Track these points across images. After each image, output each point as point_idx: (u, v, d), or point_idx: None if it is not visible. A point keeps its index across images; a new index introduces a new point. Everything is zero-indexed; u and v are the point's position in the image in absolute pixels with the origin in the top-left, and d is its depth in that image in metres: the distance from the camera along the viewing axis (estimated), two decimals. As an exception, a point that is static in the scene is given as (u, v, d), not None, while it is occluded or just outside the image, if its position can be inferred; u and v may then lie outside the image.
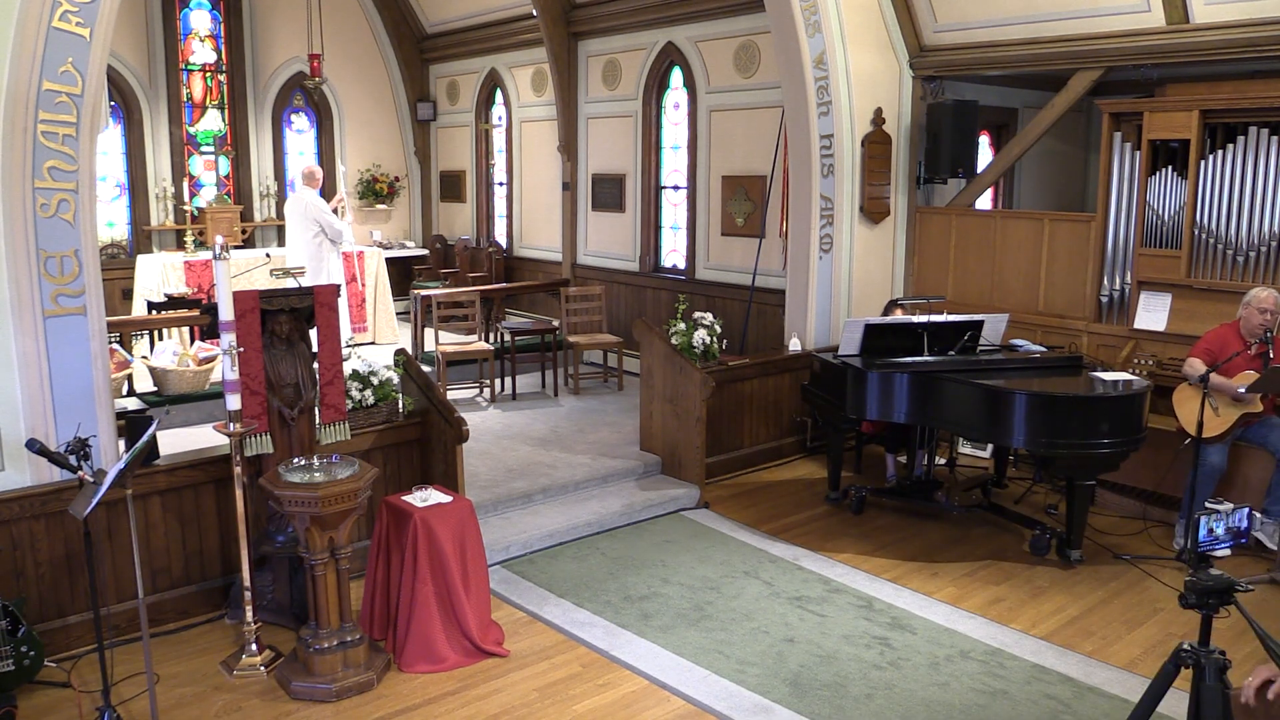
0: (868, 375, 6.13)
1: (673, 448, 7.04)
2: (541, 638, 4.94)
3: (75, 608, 4.71)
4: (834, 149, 7.78)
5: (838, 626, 5.05)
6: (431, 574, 4.66)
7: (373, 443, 5.54)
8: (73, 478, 4.33)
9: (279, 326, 4.90)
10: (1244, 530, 3.00)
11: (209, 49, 12.06)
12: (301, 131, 12.99)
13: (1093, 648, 4.83)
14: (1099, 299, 7.25)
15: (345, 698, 4.35)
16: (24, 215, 4.41)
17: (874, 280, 8.30)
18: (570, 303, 9.51)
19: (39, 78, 4.35)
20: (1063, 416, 5.56)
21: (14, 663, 4.21)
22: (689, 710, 4.31)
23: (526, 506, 6.43)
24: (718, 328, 7.27)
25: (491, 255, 12.39)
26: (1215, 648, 2.92)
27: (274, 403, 4.90)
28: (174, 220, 11.71)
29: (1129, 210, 7.04)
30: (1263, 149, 6.32)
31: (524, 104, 12.08)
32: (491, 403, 8.86)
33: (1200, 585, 2.86)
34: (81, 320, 4.64)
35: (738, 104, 9.25)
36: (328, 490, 4.26)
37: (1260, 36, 6.19)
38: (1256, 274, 6.39)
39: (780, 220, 8.57)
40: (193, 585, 5.10)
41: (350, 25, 12.94)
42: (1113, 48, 7.00)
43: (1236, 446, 5.97)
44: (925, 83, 8.25)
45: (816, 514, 6.70)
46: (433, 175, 13.83)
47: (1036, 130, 7.83)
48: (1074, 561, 5.83)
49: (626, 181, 10.56)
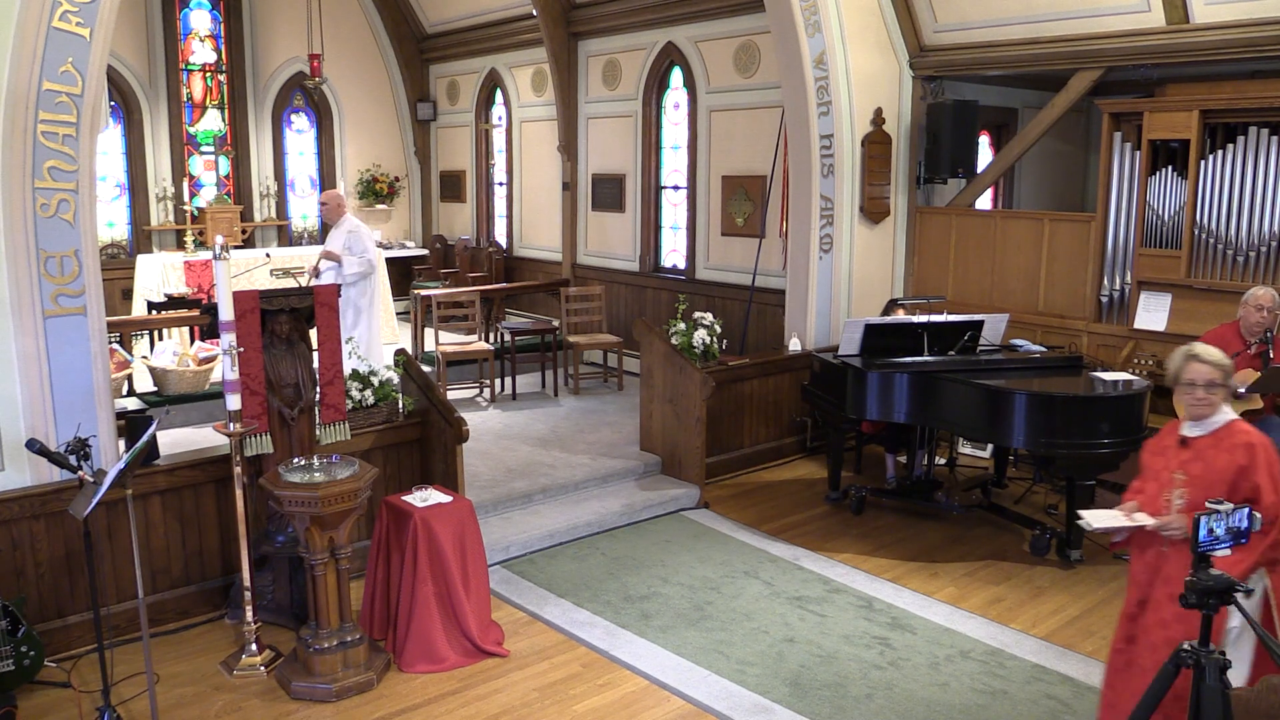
0: (868, 375, 6.13)
1: (673, 448, 7.04)
2: (541, 638, 4.94)
3: (75, 608, 4.72)
4: (834, 149, 7.78)
5: (838, 626, 5.05)
6: (431, 574, 4.66)
7: (373, 443, 5.54)
8: (73, 478, 4.33)
9: (279, 326, 4.90)
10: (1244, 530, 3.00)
11: (209, 49, 12.05)
12: (301, 131, 12.98)
13: (1093, 648, 4.83)
14: (1099, 299, 7.25)
15: (345, 698, 4.35)
16: (24, 215, 4.41)
17: (874, 280, 8.30)
18: (570, 303, 9.51)
19: (39, 78, 4.35)
20: (1063, 416, 5.56)
21: (14, 663, 4.21)
22: (689, 710, 4.31)
23: (526, 506, 6.43)
24: (718, 328, 7.27)
25: (491, 255, 12.39)
26: (1215, 648, 2.92)
27: (274, 403, 4.90)
28: (174, 220, 11.70)
29: (1129, 210, 7.04)
30: (1263, 149, 6.32)
31: (524, 104, 12.08)
32: (491, 403, 8.86)
33: (1200, 585, 2.86)
34: (81, 320, 4.64)
35: (738, 104, 9.25)
36: (328, 490, 4.26)
37: (1260, 36, 6.19)
38: (1256, 274, 6.39)
39: (780, 220, 8.57)
40: (193, 585, 5.10)
41: (350, 25, 12.93)
42: (1113, 48, 7.00)
43: (1236, 446, 5.96)
44: (925, 83, 8.25)
45: (816, 514, 6.70)
46: (433, 175, 13.83)
47: (1036, 130, 7.83)
48: (1074, 561, 5.83)
49: (626, 181, 10.56)
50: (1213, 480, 3.46)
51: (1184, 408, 3.62)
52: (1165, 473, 3.61)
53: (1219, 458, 3.49)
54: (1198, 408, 3.54)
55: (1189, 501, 3.49)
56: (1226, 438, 3.52)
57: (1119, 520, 3.58)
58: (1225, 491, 3.42)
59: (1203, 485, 3.47)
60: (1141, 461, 3.81)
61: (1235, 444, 3.50)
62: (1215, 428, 3.55)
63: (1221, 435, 3.54)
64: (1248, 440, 3.50)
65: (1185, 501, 3.51)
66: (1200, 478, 3.50)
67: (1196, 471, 3.52)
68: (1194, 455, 3.56)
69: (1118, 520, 3.59)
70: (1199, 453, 3.55)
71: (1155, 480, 3.65)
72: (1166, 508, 3.55)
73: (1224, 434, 3.54)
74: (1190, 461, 3.55)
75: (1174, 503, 3.55)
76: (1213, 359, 3.53)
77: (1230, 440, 3.51)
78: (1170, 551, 3.51)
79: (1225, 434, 3.54)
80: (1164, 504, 3.56)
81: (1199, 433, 3.58)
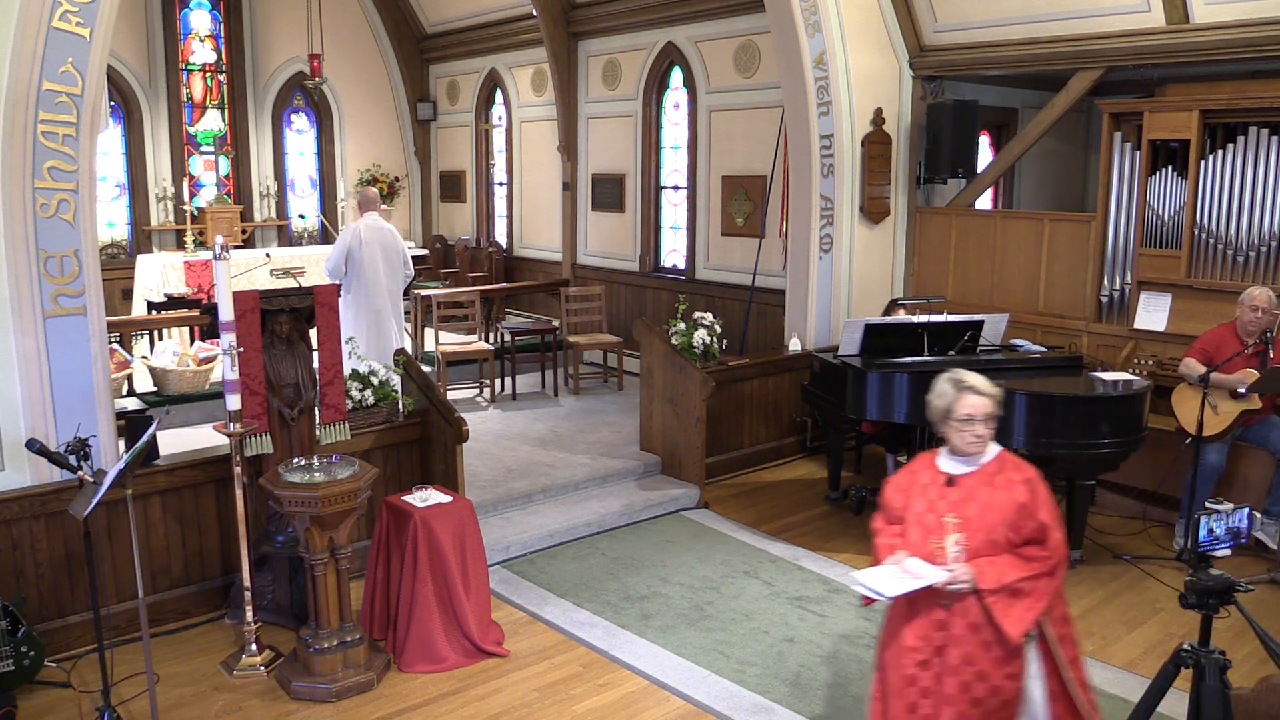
0: (868, 375, 6.12)
1: (673, 448, 7.04)
2: (541, 638, 4.94)
3: (75, 608, 4.72)
4: (834, 149, 7.78)
5: (838, 626, 5.05)
6: (431, 574, 4.66)
7: (373, 443, 5.54)
8: (73, 478, 4.33)
9: (279, 326, 4.90)
10: (1244, 530, 3.00)
11: (209, 49, 12.06)
12: (301, 131, 12.98)
13: (1093, 648, 4.83)
14: (1099, 299, 7.25)
15: (345, 698, 4.35)
16: (24, 215, 4.41)
17: (874, 280, 8.30)
18: (570, 303, 9.51)
19: (39, 78, 4.35)
20: (1063, 416, 5.56)
21: (14, 663, 4.22)
22: (689, 710, 4.31)
23: (526, 506, 6.43)
24: (718, 328, 7.27)
25: (491, 255, 12.40)
26: (1215, 648, 2.92)
27: (274, 403, 4.90)
28: (174, 220, 11.70)
29: (1129, 210, 7.04)
30: (1263, 149, 6.31)
31: (524, 104, 12.08)
32: (491, 403, 8.86)
33: (1200, 585, 2.86)
34: (81, 320, 4.64)
35: (738, 104, 9.25)
36: (328, 490, 4.26)
37: (1260, 36, 6.19)
38: (1256, 274, 6.39)
39: (780, 220, 8.57)
40: (193, 585, 5.10)
41: (350, 25, 12.93)
42: (1113, 48, 7.00)
43: (1236, 446, 5.97)
44: (925, 83, 8.25)
45: (816, 514, 6.70)
46: (433, 175, 13.83)
47: (1036, 130, 7.83)
48: (1074, 561, 5.82)
49: (626, 181, 10.56)
50: (992, 522, 3.09)
51: (956, 443, 3.19)
52: (931, 516, 3.17)
53: (995, 496, 3.11)
54: (976, 445, 3.16)
55: (968, 548, 3.09)
56: (999, 473, 3.16)
57: (911, 580, 3.07)
58: (1006, 534, 3.09)
59: (981, 528, 3.10)
60: (887, 502, 3.35)
61: (1011, 480, 3.14)
62: (984, 462, 3.19)
63: (993, 471, 3.17)
64: (1025, 475, 3.15)
65: (963, 548, 3.09)
66: (977, 520, 3.10)
67: (971, 513, 3.12)
68: (965, 495, 3.14)
69: (910, 580, 3.07)
70: (970, 492, 3.14)
71: (919, 525, 3.19)
72: (939, 556, 3.10)
73: (995, 469, 3.17)
74: (961, 502, 3.14)
75: (948, 550, 3.10)
76: (989, 390, 3.19)
77: (1004, 476, 3.15)
78: (955, 608, 3.09)
79: (997, 469, 3.17)
80: (935, 552, 3.12)
81: (967, 469, 3.19)
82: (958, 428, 3.16)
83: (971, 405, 3.14)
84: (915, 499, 3.24)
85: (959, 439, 3.17)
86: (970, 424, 3.14)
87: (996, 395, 3.19)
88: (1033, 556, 3.09)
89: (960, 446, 3.18)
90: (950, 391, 3.19)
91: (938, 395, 3.24)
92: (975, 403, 3.15)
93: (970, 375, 3.22)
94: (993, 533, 3.09)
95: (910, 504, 3.25)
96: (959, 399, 3.15)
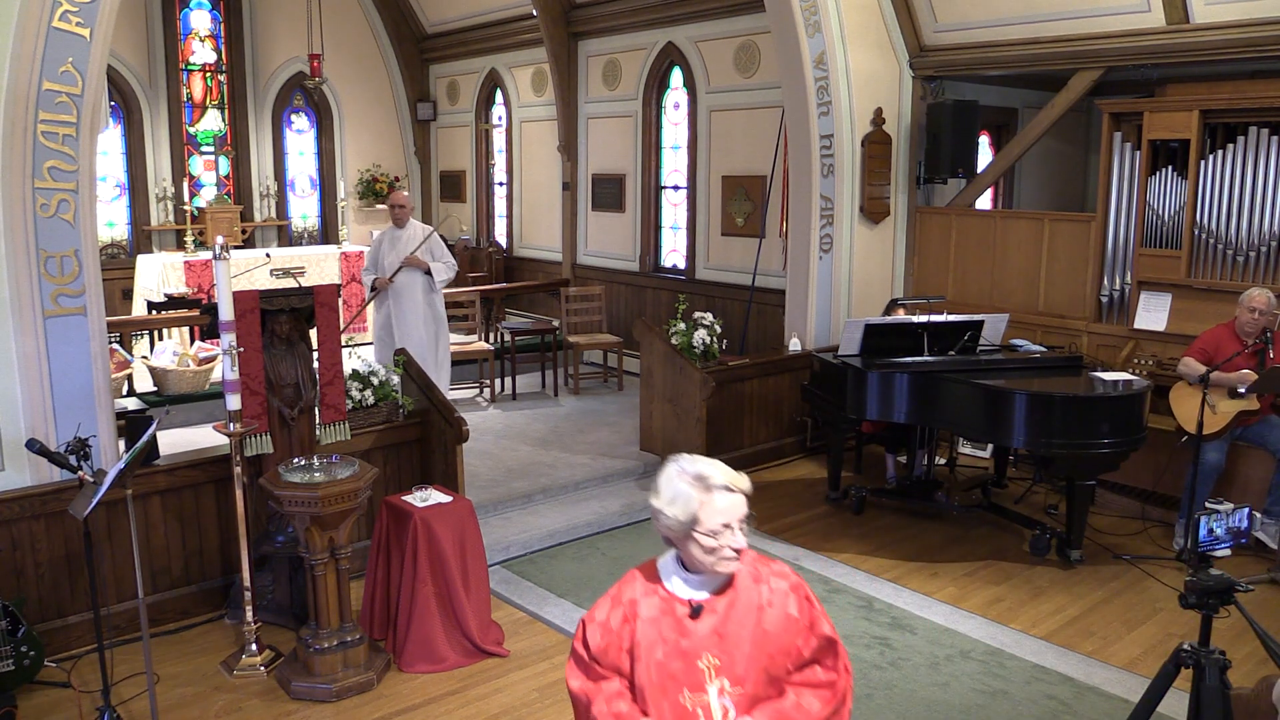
0: (868, 375, 6.13)
1: (673, 448, 7.04)
2: (541, 638, 4.94)
3: (75, 608, 4.72)
4: (834, 149, 7.78)
5: (838, 626, 5.03)
6: (431, 574, 4.66)
7: (373, 443, 5.54)
8: (73, 478, 4.33)
9: (279, 326, 4.90)
10: (1244, 530, 3.01)
11: (209, 49, 12.06)
12: (301, 131, 12.99)
13: (1093, 648, 4.83)
14: (1099, 299, 7.25)
15: (345, 698, 4.35)
16: (24, 215, 4.41)
17: (874, 280, 8.30)
18: (570, 303, 9.51)
19: (39, 78, 4.35)
20: (1062, 416, 5.56)
21: (14, 663, 4.21)
22: (689, 710, 4.30)
23: (526, 506, 6.43)
24: (718, 328, 7.27)
25: (491, 255, 12.40)
26: (1215, 648, 2.93)
27: (274, 403, 4.90)
28: (174, 220, 11.70)
29: (1129, 210, 7.04)
30: (1263, 149, 6.31)
31: (524, 104, 12.08)
32: (491, 403, 8.86)
33: (1200, 585, 2.86)
34: (81, 320, 4.64)
35: (738, 104, 9.25)
36: (328, 490, 4.26)
37: (1260, 36, 6.19)
38: (1256, 274, 6.39)
39: (780, 220, 8.57)
40: (193, 585, 5.10)
41: (350, 25, 12.94)
42: (1113, 48, 7.00)
43: (1236, 446, 5.97)
44: (925, 83, 8.25)
45: (816, 514, 6.70)
46: (433, 175, 13.83)
47: (1036, 130, 7.83)
48: (1074, 561, 5.82)
49: (626, 181, 10.56)
50: (769, 652, 2.26)
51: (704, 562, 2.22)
52: (679, 663, 2.23)
53: (764, 616, 2.27)
54: (732, 561, 2.23)
55: (744, 696, 2.23)
56: (752, 586, 2.30)
57: None
58: (785, 664, 2.29)
59: (755, 664, 2.24)
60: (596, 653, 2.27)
61: (774, 591, 2.31)
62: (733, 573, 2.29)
63: (743, 585, 2.29)
64: (788, 583, 2.34)
65: (738, 696, 2.23)
66: (748, 655, 2.24)
67: (736, 648, 2.24)
68: (719, 623, 2.25)
69: None
70: (727, 618, 2.26)
71: (664, 679, 2.23)
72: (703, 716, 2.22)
73: (750, 580, 2.31)
74: (718, 637, 2.24)
75: (713, 706, 2.22)
76: (742, 483, 2.23)
77: (765, 587, 2.31)
78: None
79: (747, 582, 2.30)
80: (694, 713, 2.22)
81: (713, 590, 2.28)
82: (707, 543, 2.20)
83: (725, 509, 2.19)
84: (647, 644, 2.25)
85: (709, 557, 2.21)
86: (730, 534, 2.20)
87: (749, 489, 2.25)
88: (821, 684, 2.34)
89: (710, 565, 2.23)
90: (692, 494, 2.19)
91: (670, 501, 2.21)
92: (729, 504, 2.20)
93: (715, 467, 2.22)
94: (771, 667, 2.27)
95: (640, 653, 2.24)
96: (706, 504, 2.18)
